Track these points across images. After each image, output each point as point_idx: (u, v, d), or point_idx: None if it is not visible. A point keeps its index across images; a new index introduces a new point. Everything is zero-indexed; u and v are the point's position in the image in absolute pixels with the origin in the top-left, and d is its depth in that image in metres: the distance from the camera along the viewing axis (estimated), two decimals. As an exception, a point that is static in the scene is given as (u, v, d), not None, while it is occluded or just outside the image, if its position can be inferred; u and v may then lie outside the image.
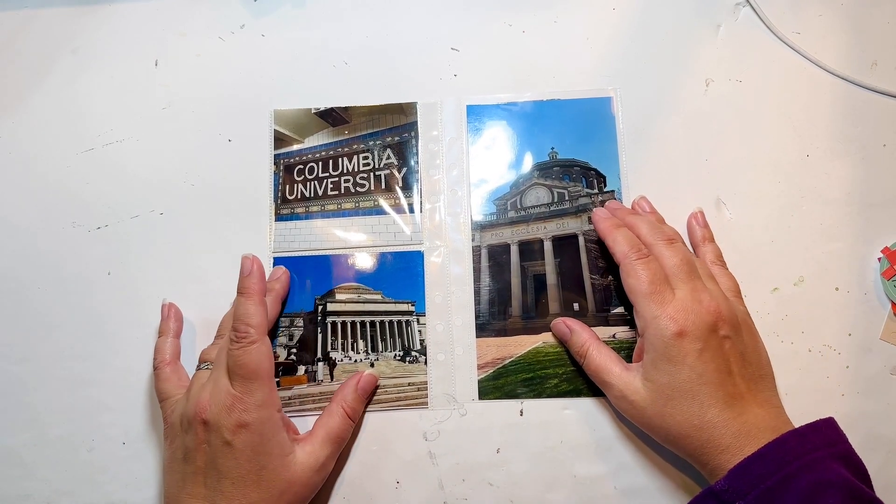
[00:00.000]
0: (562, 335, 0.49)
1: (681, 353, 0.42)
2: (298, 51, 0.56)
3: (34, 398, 0.51)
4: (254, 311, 0.44)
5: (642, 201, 0.51)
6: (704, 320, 0.42)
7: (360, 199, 0.53)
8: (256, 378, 0.43)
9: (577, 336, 0.48)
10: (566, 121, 0.54)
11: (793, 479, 0.37)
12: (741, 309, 0.46)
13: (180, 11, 0.58)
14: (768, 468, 0.38)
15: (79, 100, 0.56)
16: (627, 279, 0.45)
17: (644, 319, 0.44)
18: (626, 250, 0.46)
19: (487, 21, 0.56)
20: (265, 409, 0.43)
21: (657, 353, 0.43)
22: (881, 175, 0.52)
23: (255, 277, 0.46)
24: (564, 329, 0.49)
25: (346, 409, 0.46)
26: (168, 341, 0.49)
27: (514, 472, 0.48)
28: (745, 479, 0.38)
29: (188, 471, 0.43)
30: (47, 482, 0.49)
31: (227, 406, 0.42)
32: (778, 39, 0.55)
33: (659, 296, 0.43)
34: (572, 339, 0.48)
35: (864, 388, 0.48)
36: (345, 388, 0.48)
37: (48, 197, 0.54)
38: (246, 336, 0.43)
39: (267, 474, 0.42)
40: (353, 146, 0.55)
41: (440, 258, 0.52)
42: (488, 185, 0.53)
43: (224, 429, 0.42)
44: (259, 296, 0.45)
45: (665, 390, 0.42)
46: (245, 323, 0.44)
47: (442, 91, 0.55)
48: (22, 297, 0.52)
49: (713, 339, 0.42)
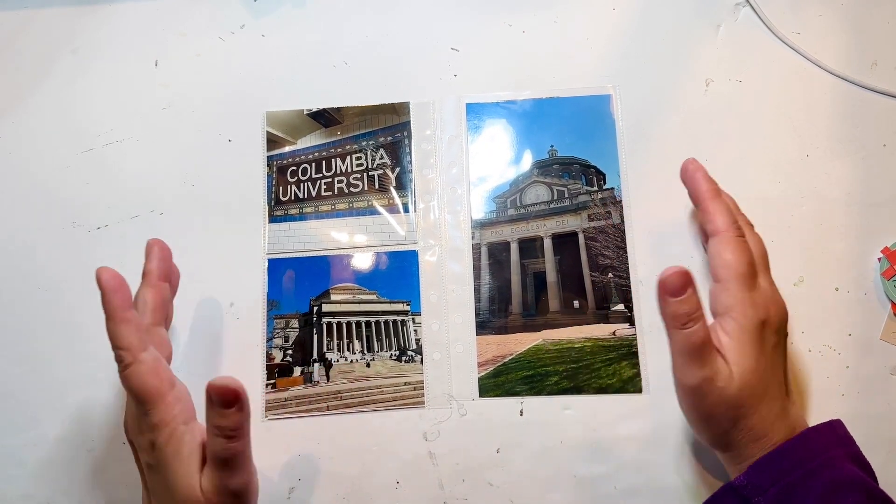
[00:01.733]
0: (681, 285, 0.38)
1: (762, 341, 0.40)
2: (298, 51, 0.56)
3: (34, 398, 0.51)
4: (115, 331, 0.40)
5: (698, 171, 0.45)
6: (781, 316, 0.42)
7: (354, 200, 0.53)
8: (147, 400, 0.40)
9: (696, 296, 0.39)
10: (566, 119, 0.54)
11: (812, 476, 0.37)
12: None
13: (180, 11, 0.58)
14: (789, 464, 0.38)
15: (79, 100, 0.56)
16: (725, 253, 0.41)
17: (735, 298, 0.41)
18: (729, 222, 0.42)
19: (487, 21, 0.56)
20: (166, 426, 0.40)
21: (745, 335, 0.40)
22: (881, 175, 0.52)
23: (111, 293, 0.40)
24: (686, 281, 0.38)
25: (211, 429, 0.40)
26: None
27: (514, 472, 0.48)
28: (765, 475, 0.38)
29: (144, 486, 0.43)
30: (47, 482, 0.49)
31: (136, 428, 0.41)
32: (778, 39, 0.55)
33: (752, 279, 0.41)
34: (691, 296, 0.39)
35: (864, 388, 0.48)
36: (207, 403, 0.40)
37: (48, 197, 0.54)
38: (120, 360, 0.40)
39: (178, 496, 0.40)
40: (346, 147, 0.55)
41: (435, 257, 0.52)
42: (488, 183, 0.53)
43: (141, 449, 0.41)
44: (121, 312, 0.40)
45: (748, 378, 0.39)
46: (114, 346, 0.40)
47: (442, 91, 0.55)
48: (22, 297, 0.52)
49: (782, 335, 0.42)
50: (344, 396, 0.49)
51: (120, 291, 0.40)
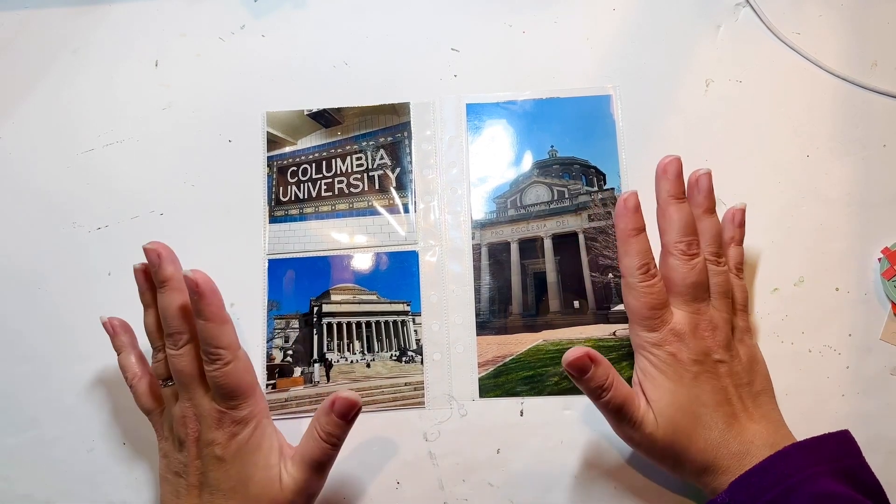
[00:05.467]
0: (582, 368, 0.41)
1: (676, 377, 0.42)
2: (298, 51, 0.56)
3: (34, 398, 0.51)
4: (218, 332, 0.42)
5: (703, 178, 0.45)
6: (699, 346, 0.42)
7: (354, 200, 0.53)
8: (240, 394, 0.43)
9: (603, 368, 0.41)
10: (566, 119, 0.54)
11: (793, 491, 0.37)
12: (742, 325, 0.46)
13: (180, 11, 0.58)
14: (769, 481, 0.38)
15: (79, 100, 0.56)
16: (626, 297, 0.43)
17: (640, 339, 0.43)
18: (633, 267, 0.42)
19: (487, 21, 0.56)
20: (252, 420, 0.43)
21: (658, 377, 0.42)
22: (881, 175, 0.52)
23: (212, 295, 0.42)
24: (587, 363, 0.41)
25: (321, 433, 0.43)
26: (130, 357, 0.47)
27: (514, 472, 0.48)
28: (746, 492, 0.38)
29: (182, 484, 0.43)
30: (47, 482, 0.49)
31: (215, 421, 0.42)
32: (778, 39, 0.55)
33: (658, 321, 0.42)
34: (597, 372, 0.41)
35: (864, 389, 0.48)
36: (320, 409, 0.43)
37: (48, 197, 0.54)
38: (220, 358, 0.42)
39: (254, 487, 0.42)
40: (346, 147, 0.55)
41: (435, 257, 0.52)
42: (488, 183, 0.53)
43: (216, 444, 0.42)
44: (222, 313, 0.42)
45: (671, 416, 0.41)
46: (214, 346, 0.42)
47: (442, 91, 0.55)
48: (22, 298, 0.52)
49: (707, 363, 0.42)
50: (344, 397, 0.49)
51: (218, 293, 0.42)
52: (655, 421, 0.41)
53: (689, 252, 0.43)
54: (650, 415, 0.41)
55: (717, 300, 0.44)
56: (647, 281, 0.42)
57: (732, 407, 0.42)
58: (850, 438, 0.41)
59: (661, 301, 0.42)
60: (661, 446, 0.41)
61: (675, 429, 0.41)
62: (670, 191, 0.43)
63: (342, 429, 0.43)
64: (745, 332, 0.45)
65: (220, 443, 0.42)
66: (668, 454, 0.42)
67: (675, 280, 0.43)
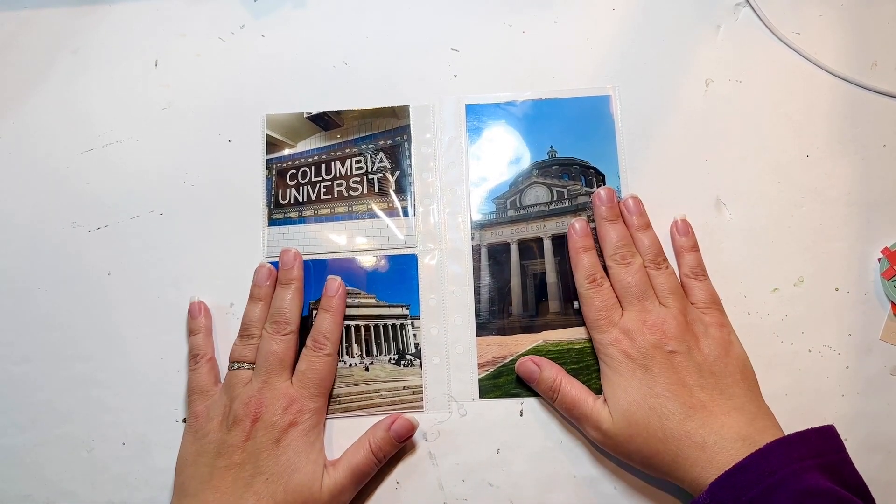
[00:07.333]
0: (529, 374, 0.48)
1: (629, 372, 0.44)
2: (298, 51, 0.56)
3: (34, 398, 0.51)
4: (334, 327, 0.48)
5: (629, 201, 0.50)
6: (647, 339, 0.44)
7: (354, 203, 0.53)
8: (321, 385, 0.47)
9: (547, 372, 0.47)
10: (565, 119, 0.54)
11: (776, 489, 0.37)
12: (708, 320, 0.46)
13: (180, 11, 0.58)
14: (750, 479, 0.38)
15: (79, 100, 0.56)
16: (581, 307, 0.49)
17: (595, 349, 0.47)
18: (581, 278, 0.48)
19: (487, 21, 0.56)
20: (317, 416, 0.46)
21: (611, 375, 0.45)
22: (881, 175, 0.52)
23: (342, 300, 0.49)
24: (532, 367, 0.48)
25: (373, 447, 0.46)
26: (207, 338, 0.50)
27: (514, 472, 0.48)
28: (727, 491, 0.38)
29: (219, 465, 0.44)
30: (47, 482, 0.49)
31: (284, 405, 0.45)
32: (778, 39, 0.55)
33: (605, 321, 0.46)
34: (542, 375, 0.47)
35: (864, 389, 0.48)
36: (377, 425, 0.47)
37: (48, 197, 0.54)
38: (324, 347, 0.47)
39: (297, 479, 0.43)
40: (346, 150, 0.54)
41: (434, 261, 0.52)
42: (488, 183, 0.53)
43: (276, 427, 0.44)
44: (342, 314, 0.49)
45: (625, 411, 0.43)
46: (324, 336, 0.48)
47: (442, 92, 0.55)
48: (22, 297, 0.53)
49: (658, 355, 0.44)
50: (343, 400, 0.49)
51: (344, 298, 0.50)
52: (611, 417, 0.44)
53: (624, 260, 0.48)
54: (605, 412, 0.44)
55: (666, 298, 0.46)
56: (594, 288, 0.48)
57: (693, 397, 0.42)
58: (834, 434, 0.41)
59: (607, 304, 0.47)
60: (622, 441, 0.43)
61: (629, 422, 0.43)
62: (604, 214, 0.50)
63: (393, 448, 0.47)
64: (712, 326, 0.46)
65: (281, 426, 0.44)
66: (633, 449, 0.43)
67: (619, 285, 0.47)
